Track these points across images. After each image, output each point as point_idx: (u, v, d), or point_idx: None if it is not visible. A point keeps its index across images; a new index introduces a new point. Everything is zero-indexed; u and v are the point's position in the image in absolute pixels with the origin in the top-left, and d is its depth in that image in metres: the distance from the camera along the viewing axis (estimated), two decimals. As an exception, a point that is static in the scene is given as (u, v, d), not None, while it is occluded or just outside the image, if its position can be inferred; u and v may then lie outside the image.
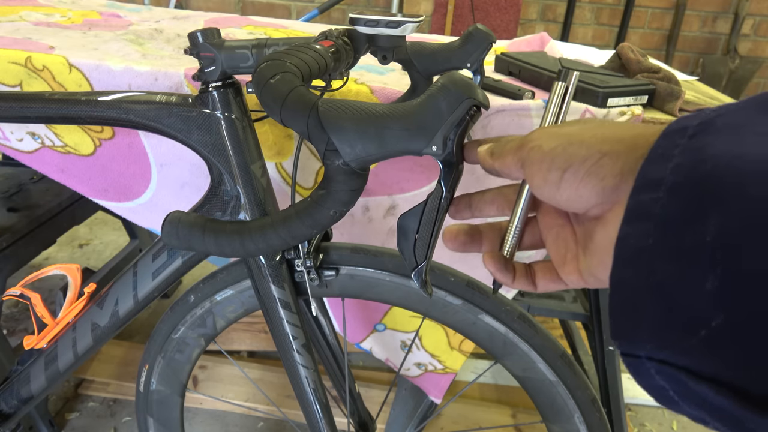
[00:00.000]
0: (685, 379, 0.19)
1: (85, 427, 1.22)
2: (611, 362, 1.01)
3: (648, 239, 0.20)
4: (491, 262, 0.33)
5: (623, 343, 0.22)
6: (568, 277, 0.31)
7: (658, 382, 0.21)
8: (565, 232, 0.31)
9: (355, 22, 0.48)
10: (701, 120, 0.21)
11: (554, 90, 0.33)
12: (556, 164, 0.27)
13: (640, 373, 0.21)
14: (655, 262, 0.20)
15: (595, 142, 0.26)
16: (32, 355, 0.74)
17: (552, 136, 0.28)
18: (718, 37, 2.89)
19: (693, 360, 0.19)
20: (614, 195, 0.25)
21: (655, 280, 0.20)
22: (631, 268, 0.21)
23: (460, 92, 0.31)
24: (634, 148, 0.24)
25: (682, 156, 0.21)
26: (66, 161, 0.79)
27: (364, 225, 0.82)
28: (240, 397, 1.28)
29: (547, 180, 0.27)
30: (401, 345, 0.96)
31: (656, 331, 0.20)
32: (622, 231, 0.22)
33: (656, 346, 0.20)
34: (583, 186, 0.26)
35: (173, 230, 0.44)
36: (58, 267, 0.69)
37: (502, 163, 0.31)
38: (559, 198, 0.27)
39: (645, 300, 0.20)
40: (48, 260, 1.81)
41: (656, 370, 0.21)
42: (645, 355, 0.21)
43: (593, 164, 0.25)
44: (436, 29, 2.59)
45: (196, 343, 0.74)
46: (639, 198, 0.22)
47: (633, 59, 0.81)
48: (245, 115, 0.56)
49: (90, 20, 0.98)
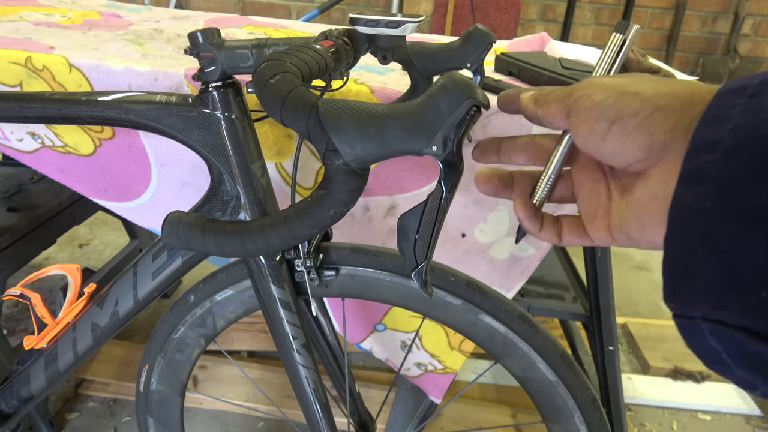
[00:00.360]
0: (742, 339, 0.19)
1: (85, 427, 1.22)
2: (611, 362, 1.01)
3: (705, 201, 0.20)
4: (522, 209, 0.32)
5: (678, 304, 0.21)
6: (597, 233, 0.30)
7: (712, 344, 0.20)
8: (599, 187, 0.31)
9: (355, 22, 0.48)
10: (762, 79, 0.21)
11: (611, 42, 0.32)
12: (605, 115, 0.26)
13: (693, 335, 0.21)
14: (713, 224, 0.20)
15: (650, 95, 0.25)
16: (32, 355, 0.74)
17: (603, 86, 0.27)
18: (718, 37, 2.89)
19: (752, 320, 0.19)
20: (661, 151, 0.24)
21: (714, 241, 0.20)
22: (687, 230, 0.21)
23: (460, 92, 0.31)
24: (690, 105, 0.24)
25: (741, 116, 0.20)
26: (66, 161, 0.79)
27: (364, 225, 0.82)
28: (240, 397, 1.28)
29: (593, 130, 0.27)
30: (401, 345, 0.96)
31: (714, 292, 0.20)
32: (678, 192, 0.22)
33: (713, 307, 0.20)
34: (631, 139, 0.25)
35: (173, 230, 0.44)
36: (58, 267, 0.69)
37: (546, 111, 0.30)
38: (604, 150, 0.27)
39: (703, 261, 0.20)
40: (48, 260, 1.81)
41: (711, 331, 0.20)
42: (700, 316, 0.20)
43: (644, 118, 0.25)
44: (436, 29, 2.59)
45: (196, 343, 0.74)
46: (695, 160, 0.21)
47: (633, 59, 0.81)
48: (245, 115, 0.56)
49: (90, 20, 0.98)
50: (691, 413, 1.36)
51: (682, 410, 1.36)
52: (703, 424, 1.33)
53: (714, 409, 1.36)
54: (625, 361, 1.52)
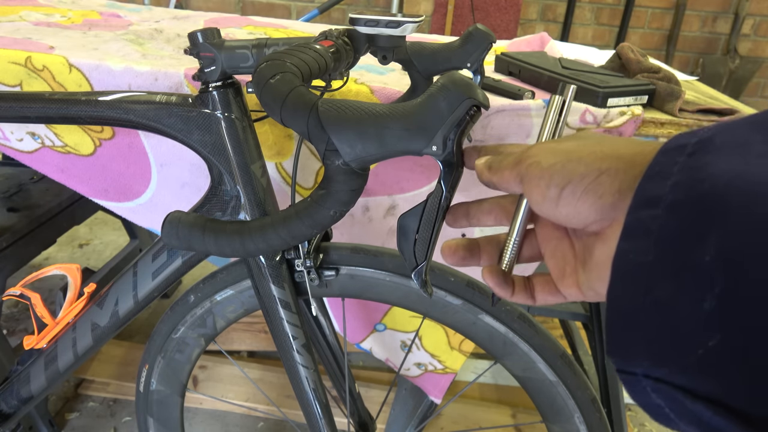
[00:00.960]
0: (681, 397, 0.19)
1: (85, 427, 1.22)
2: (611, 362, 1.01)
3: (648, 256, 0.20)
4: (490, 277, 0.33)
5: (619, 359, 0.22)
6: (567, 290, 0.31)
7: (654, 400, 0.20)
8: (564, 245, 0.31)
9: (355, 22, 0.48)
10: (699, 138, 0.21)
11: (552, 104, 0.33)
12: (554, 181, 0.27)
13: (636, 390, 0.21)
14: (653, 279, 0.20)
15: (594, 159, 0.26)
16: (32, 355, 0.74)
17: (550, 152, 0.28)
18: (718, 37, 2.89)
19: (689, 379, 0.19)
20: (613, 212, 0.25)
21: (653, 297, 0.20)
22: (628, 284, 0.21)
23: (460, 92, 0.31)
24: (632, 166, 0.24)
25: (680, 174, 0.20)
26: (66, 161, 0.79)
27: (364, 225, 0.82)
28: (240, 397, 1.28)
29: (545, 196, 0.27)
30: (401, 345, 0.96)
31: (653, 349, 0.20)
32: (620, 247, 0.22)
33: (653, 364, 0.20)
34: (582, 203, 0.26)
35: (173, 230, 0.44)
36: (58, 267, 0.69)
37: (500, 178, 0.31)
38: (558, 214, 0.27)
39: (642, 317, 0.20)
40: (48, 260, 1.81)
41: (652, 388, 0.20)
42: (641, 373, 0.21)
43: (591, 181, 0.25)
44: (436, 29, 2.59)
45: (196, 343, 0.74)
46: (637, 215, 0.21)
47: (633, 59, 0.81)
48: (245, 115, 0.56)
49: (90, 20, 0.98)
50: (691, 413, 1.35)
51: (682, 410, 1.36)
52: (703, 424, 1.33)
53: (714, 409, 1.36)
54: (625, 361, 1.52)
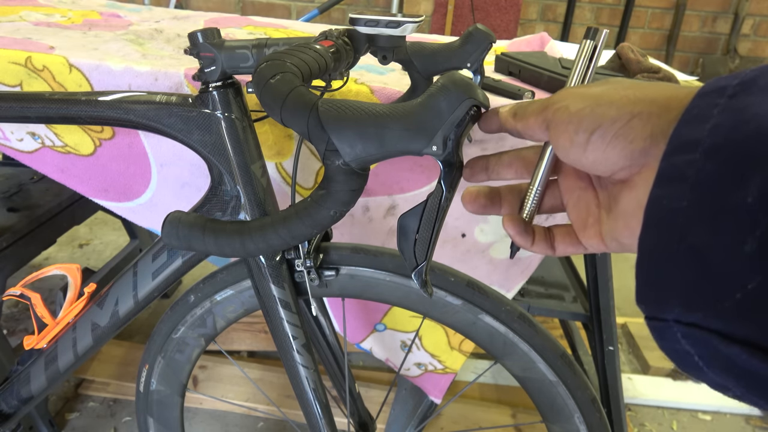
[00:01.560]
0: (715, 342, 0.19)
1: (85, 427, 1.22)
2: (611, 362, 1.01)
3: (682, 201, 0.20)
4: (511, 225, 0.32)
5: (650, 306, 0.21)
6: (589, 241, 0.30)
7: (684, 346, 0.20)
8: (587, 195, 0.30)
9: (355, 22, 0.48)
10: (741, 80, 0.21)
11: (581, 49, 0.32)
12: (583, 125, 0.26)
13: (665, 337, 0.21)
14: (689, 224, 0.20)
15: (626, 102, 0.25)
16: (32, 355, 0.74)
17: (579, 96, 0.27)
18: (718, 37, 2.89)
19: (725, 323, 0.19)
20: (643, 158, 0.24)
21: (689, 242, 0.19)
22: (662, 231, 0.21)
23: (460, 92, 0.31)
24: (667, 110, 0.24)
25: (721, 116, 0.20)
26: (66, 161, 0.79)
27: (364, 225, 0.82)
28: (240, 397, 1.28)
29: (573, 142, 0.26)
30: (401, 345, 0.96)
31: (687, 294, 0.20)
32: (654, 193, 0.21)
33: (686, 309, 0.20)
34: (611, 148, 0.25)
35: (173, 230, 0.44)
36: (58, 267, 0.69)
37: (526, 124, 0.30)
38: (585, 161, 0.26)
39: (677, 262, 0.20)
40: (48, 260, 1.81)
41: (683, 333, 0.20)
42: (673, 318, 0.20)
43: (623, 126, 0.25)
44: (436, 29, 2.59)
45: (196, 343, 0.74)
46: (672, 160, 0.21)
47: (633, 59, 0.81)
48: (245, 115, 0.56)
49: (90, 20, 0.98)
50: (691, 413, 1.36)
51: (682, 410, 1.36)
52: (703, 424, 1.33)
53: (714, 409, 1.36)
54: (625, 361, 1.52)
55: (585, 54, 0.32)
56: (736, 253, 0.18)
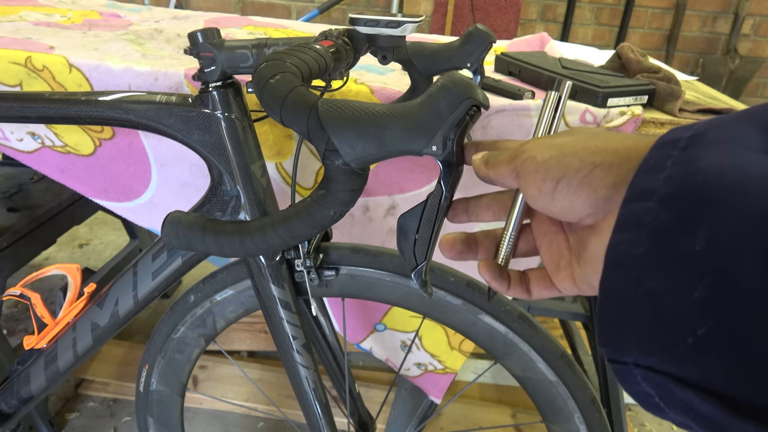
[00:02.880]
0: (670, 385, 0.20)
1: (85, 427, 1.22)
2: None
3: (639, 247, 0.21)
4: (486, 271, 0.33)
5: (611, 349, 0.22)
6: (562, 284, 0.31)
7: (645, 388, 0.21)
8: (559, 239, 0.31)
9: (355, 22, 0.48)
10: (693, 132, 0.22)
11: (547, 99, 0.33)
12: (549, 175, 0.27)
13: (626, 380, 0.22)
14: (645, 270, 0.20)
15: (588, 153, 0.26)
16: (32, 355, 0.74)
17: (545, 147, 0.28)
18: (718, 37, 2.89)
19: (679, 367, 0.19)
20: (607, 205, 0.25)
21: (645, 287, 0.20)
22: (621, 275, 0.22)
23: (460, 92, 0.31)
24: (627, 160, 0.25)
25: (673, 167, 0.21)
26: (66, 161, 0.79)
27: (364, 225, 0.82)
28: (240, 397, 1.28)
29: (541, 190, 0.28)
30: (401, 345, 0.96)
31: (643, 338, 0.20)
32: (614, 238, 0.22)
33: (643, 353, 0.21)
34: (576, 197, 0.26)
35: (173, 230, 0.44)
36: (58, 267, 0.69)
37: (497, 173, 0.31)
38: (553, 208, 0.28)
39: (633, 307, 0.21)
40: (48, 260, 1.81)
41: (642, 376, 0.21)
42: (632, 362, 0.21)
43: (586, 175, 0.26)
44: (436, 29, 2.59)
45: (196, 343, 0.74)
46: (631, 207, 0.22)
47: (633, 59, 0.81)
48: (245, 115, 0.56)
49: (90, 20, 0.98)
50: (691, 413, 1.35)
51: (682, 410, 1.36)
52: (703, 424, 1.33)
53: (714, 409, 1.36)
54: (625, 361, 1.52)
55: (551, 104, 0.33)
56: (688, 299, 0.19)
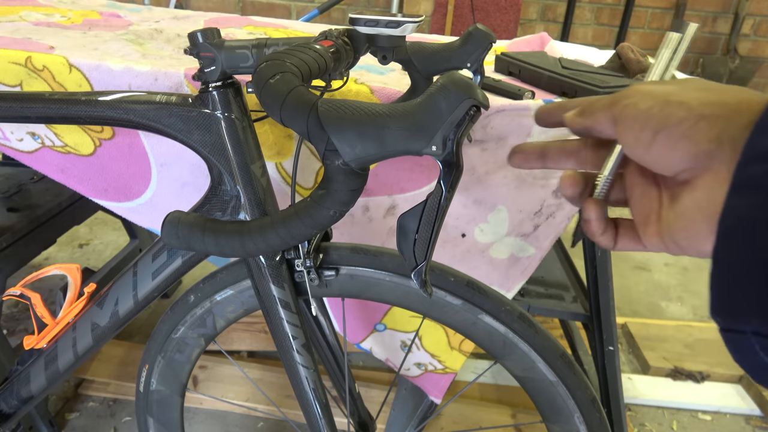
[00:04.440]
0: None
1: (85, 427, 1.22)
2: (611, 362, 1.01)
3: (759, 211, 0.20)
4: (594, 209, 0.32)
5: (726, 318, 0.21)
6: (649, 239, 0.30)
7: (762, 359, 0.20)
8: (651, 191, 0.30)
9: (355, 22, 0.48)
10: None
11: (666, 41, 0.31)
12: (650, 124, 0.26)
13: (741, 349, 0.21)
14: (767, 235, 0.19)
15: (696, 104, 0.25)
16: (32, 355, 0.74)
17: (648, 94, 0.27)
18: (718, 37, 2.89)
19: None
20: (707, 161, 0.24)
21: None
22: (739, 241, 0.20)
23: (460, 92, 0.31)
24: (737, 114, 0.23)
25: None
26: (66, 161, 0.79)
27: (364, 225, 0.82)
28: (240, 397, 1.28)
29: (638, 140, 0.26)
30: (401, 345, 0.96)
31: (766, 306, 0.19)
32: (729, 202, 0.21)
33: (765, 321, 0.20)
34: (676, 149, 0.25)
35: (173, 230, 0.44)
36: (58, 267, 0.69)
37: (594, 120, 0.30)
38: (650, 159, 0.27)
39: (755, 274, 0.20)
40: (48, 260, 1.81)
41: (762, 346, 0.20)
42: (751, 330, 0.20)
43: (689, 127, 0.24)
44: (436, 29, 2.59)
45: (196, 343, 0.74)
46: (748, 170, 0.21)
47: (633, 59, 0.81)
48: (245, 115, 0.56)
49: (90, 20, 0.98)
50: (691, 413, 1.36)
51: (682, 410, 1.36)
52: (703, 424, 1.33)
53: (714, 409, 1.36)
54: (625, 361, 1.52)
55: (669, 47, 0.31)
56: None
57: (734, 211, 0.21)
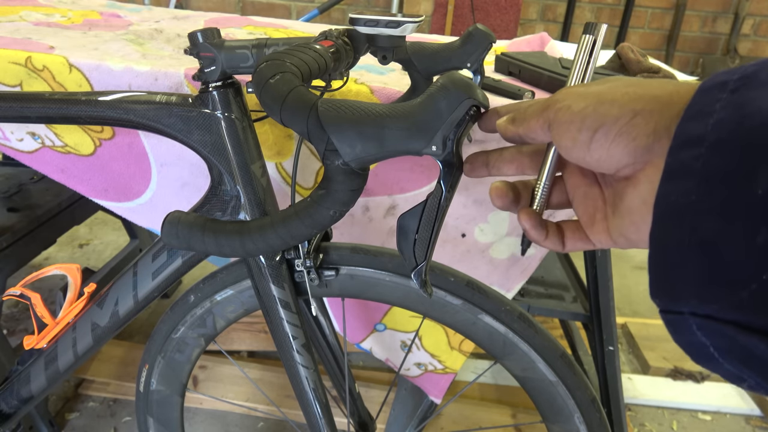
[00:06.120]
0: (732, 333, 0.19)
1: (85, 427, 1.22)
2: (611, 362, 1.01)
3: (690, 196, 0.20)
4: (527, 219, 0.32)
5: (665, 299, 0.22)
6: (597, 237, 0.30)
7: (699, 338, 0.20)
8: (593, 191, 0.31)
9: (354, 22, 0.48)
10: (742, 74, 0.21)
11: (581, 45, 0.32)
12: (586, 125, 0.26)
13: (680, 330, 0.21)
14: (699, 218, 0.20)
15: (628, 100, 0.25)
16: (32, 355, 0.74)
17: (580, 95, 0.27)
18: (718, 37, 2.89)
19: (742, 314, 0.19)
20: (646, 155, 0.25)
21: (700, 236, 0.20)
22: (673, 225, 0.21)
23: (459, 92, 0.31)
24: (669, 106, 0.24)
25: (723, 111, 0.20)
26: (66, 161, 0.79)
27: (364, 225, 0.82)
28: (240, 397, 1.28)
29: (576, 141, 0.27)
30: (401, 345, 0.96)
31: (702, 287, 0.20)
32: (662, 189, 0.22)
33: (702, 302, 0.20)
34: (615, 146, 0.25)
35: (173, 230, 0.44)
36: (58, 267, 0.69)
37: (527, 128, 0.30)
38: (590, 159, 0.27)
39: (690, 256, 0.20)
40: (48, 260, 1.81)
41: (698, 325, 0.20)
42: (688, 311, 0.21)
43: (625, 123, 0.25)
44: (436, 29, 2.59)
45: (196, 343, 0.74)
46: (678, 156, 0.21)
47: (633, 59, 0.81)
48: (245, 115, 0.56)
49: (90, 20, 0.98)
50: (691, 413, 1.36)
51: (682, 410, 1.36)
52: (703, 424, 1.33)
53: (714, 409, 1.36)
54: (625, 361, 1.52)
55: (585, 49, 0.32)
56: (749, 245, 0.18)
57: (667, 197, 0.21)
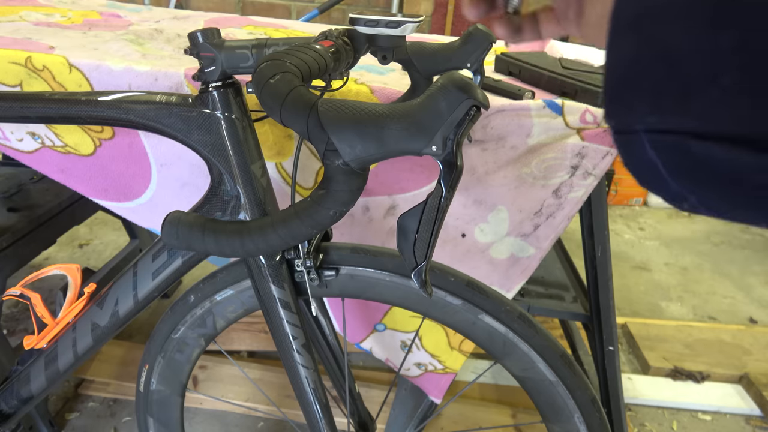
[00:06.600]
0: (687, 143, 0.18)
1: (85, 427, 1.22)
2: (611, 362, 1.01)
3: (646, 2, 0.19)
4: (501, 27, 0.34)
5: (620, 118, 0.21)
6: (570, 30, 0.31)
7: (650, 156, 0.20)
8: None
9: (355, 22, 0.48)
10: None
11: None
12: None
13: (631, 150, 0.21)
14: (657, 26, 0.19)
15: None
16: (32, 355, 0.74)
17: None
18: None
19: (702, 121, 0.18)
20: None
21: (658, 45, 0.19)
22: (629, 35, 0.20)
23: (459, 92, 0.31)
24: None
25: None
26: (66, 161, 0.79)
27: (364, 225, 0.82)
28: (240, 397, 1.28)
29: None
30: (401, 345, 0.96)
31: (660, 99, 0.19)
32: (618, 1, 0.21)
33: (655, 113, 0.19)
34: None
35: (173, 230, 0.44)
36: (58, 267, 0.69)
37: None
38: None
39: (646, 68, 0.19)
40: (48, 260, 1.81)
41: (652, 143, 0.20)
42: (643, 129, 0.20)
43: None
44: (436, 29, 2.59)
45: (196, 343, 0.74)
46: None
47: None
48: (245, 115, 0.56)
49: (90, 20, 0.98)
50: (691, 413, 1.36)
51: (682, 410, 1.36)
52: (703, 424, 1.33)
53: (714, 409, 1.36)
54: (625, 361, 1.52)
55: None
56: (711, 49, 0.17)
57: (623, 8, 0.21)
